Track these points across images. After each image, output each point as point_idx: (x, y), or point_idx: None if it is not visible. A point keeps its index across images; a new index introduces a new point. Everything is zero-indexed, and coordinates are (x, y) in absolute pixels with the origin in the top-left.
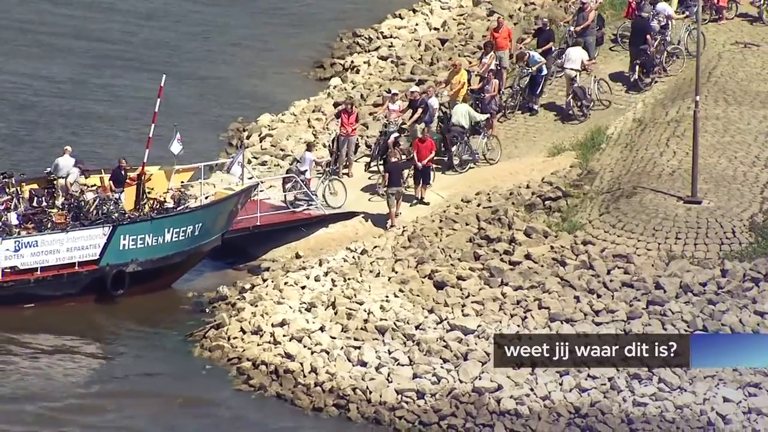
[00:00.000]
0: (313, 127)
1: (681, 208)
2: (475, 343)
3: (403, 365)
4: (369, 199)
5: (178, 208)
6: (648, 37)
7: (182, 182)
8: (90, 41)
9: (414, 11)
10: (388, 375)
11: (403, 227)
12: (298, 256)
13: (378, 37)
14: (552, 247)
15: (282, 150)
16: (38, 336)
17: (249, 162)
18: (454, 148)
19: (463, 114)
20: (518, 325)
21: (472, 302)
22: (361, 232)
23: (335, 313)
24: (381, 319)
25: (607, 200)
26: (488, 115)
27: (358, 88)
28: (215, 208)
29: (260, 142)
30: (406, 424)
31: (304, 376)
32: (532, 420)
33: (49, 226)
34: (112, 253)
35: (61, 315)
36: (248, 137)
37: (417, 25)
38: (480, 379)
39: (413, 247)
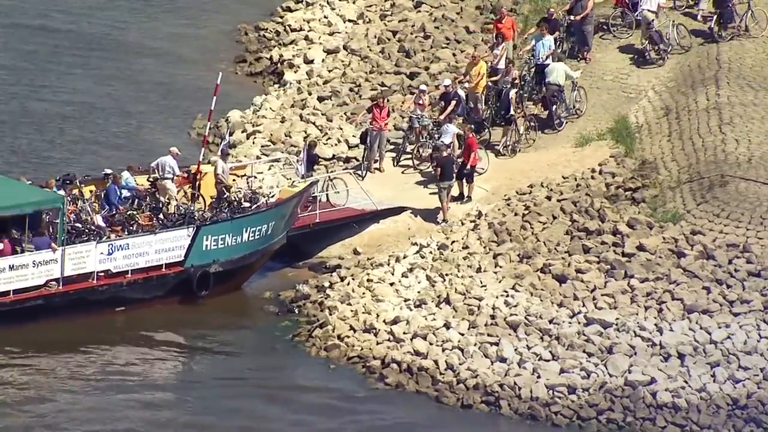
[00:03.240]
0: (314, 123)
1: None
2: (617, 336)
3: (546, 360)
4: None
5: (252, 207)
6: None
7: (233, 179)
8: None
9: (308, 4)
10: (534, 370)
11: (472, 221)
12: (356, 253)
13: (287, 31)
14: (664, 238)
15: (294, 146)
16: (143, 342)
17: (258, 158)
18: (554, 108)
19: (560, 72)
20: (656, 317)
21: (601, 295)
22: (413, 227)
23: (455, 310)
24: (510, 315)
25: (697, 189)
26: (579, 72)
27: (334, 83)
28: (284, 206)
29: (247, 139)
30: (564, 420)
31: (441, 374)
32: (692, 413)
33: (134, 228)
34: (196, 254)
35: (153, 318)
36: (231, 134)
37: (327, 17)
38: (630, 372)
39: (507, 242)
